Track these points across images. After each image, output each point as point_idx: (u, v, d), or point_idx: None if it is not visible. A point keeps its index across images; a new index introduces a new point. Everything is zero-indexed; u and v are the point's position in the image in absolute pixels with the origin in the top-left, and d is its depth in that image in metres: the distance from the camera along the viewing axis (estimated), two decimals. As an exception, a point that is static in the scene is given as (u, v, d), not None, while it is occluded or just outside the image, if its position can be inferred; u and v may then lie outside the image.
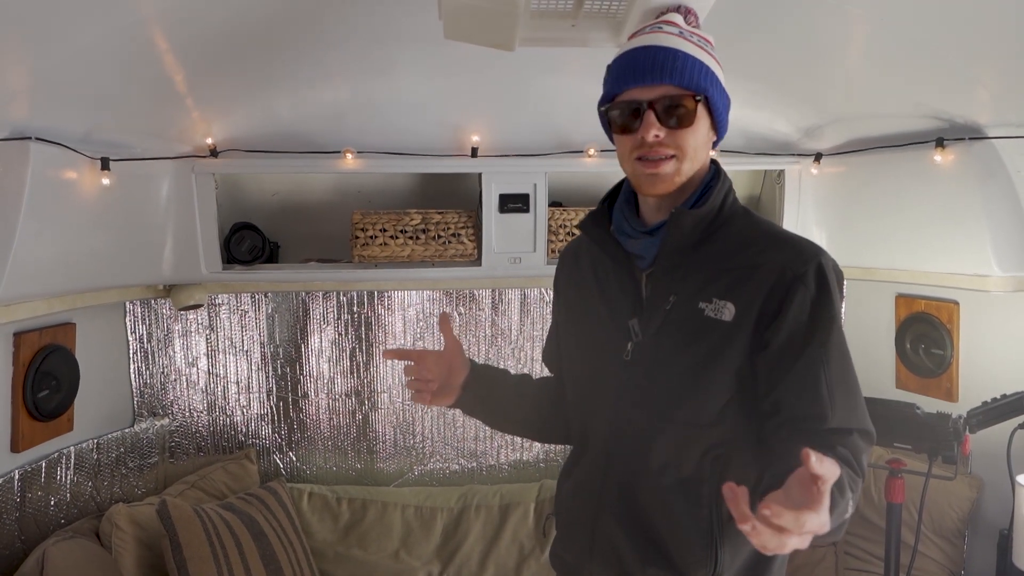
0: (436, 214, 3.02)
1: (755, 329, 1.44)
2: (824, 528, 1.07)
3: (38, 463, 2.47)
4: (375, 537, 3.19)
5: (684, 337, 1.48)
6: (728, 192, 1.55)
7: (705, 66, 1.48)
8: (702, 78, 1.46)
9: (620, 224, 1.59)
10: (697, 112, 1.46)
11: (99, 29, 1.86)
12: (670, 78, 1.44)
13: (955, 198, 2.58)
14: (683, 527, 1.48)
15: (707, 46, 1.52)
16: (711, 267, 1.49)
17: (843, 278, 1.52)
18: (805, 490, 1.07)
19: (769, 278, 1.43)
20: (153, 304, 3.15)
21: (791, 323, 1.41)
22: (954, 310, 2.86)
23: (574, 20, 1.91)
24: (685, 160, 1.47)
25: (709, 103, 1.48)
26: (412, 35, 2.27)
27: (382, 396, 3.40)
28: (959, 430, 2.38)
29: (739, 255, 1.48)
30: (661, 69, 1.45)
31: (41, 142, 2.11)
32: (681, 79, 1.45)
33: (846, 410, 1.41)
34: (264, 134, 2.82)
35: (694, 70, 1.46)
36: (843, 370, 1.43)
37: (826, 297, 1.42)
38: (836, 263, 1.49)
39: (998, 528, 2.68)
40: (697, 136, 1.48)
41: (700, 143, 1.49)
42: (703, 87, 1.46)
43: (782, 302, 1.42)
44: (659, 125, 1.44)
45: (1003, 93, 2.28)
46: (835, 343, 1.43)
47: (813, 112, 2.90)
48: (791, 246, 1.48)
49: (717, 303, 1.46)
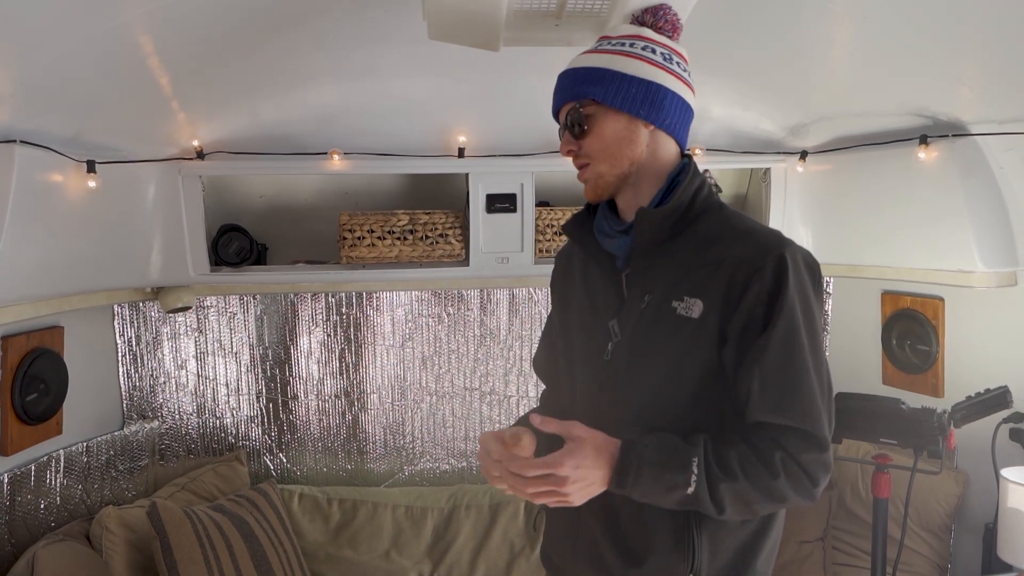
0: (424, 215, 3.03)
1: (720, 324, 1.45)
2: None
3: (27, 466, 2.47)
4: (366, 537, 3.20)
5: (657, 336, 1.50)
6: (700, 187, 1.55)
7: (593, 69, 1.54)
8: (585, 84, 1.54)
9: (600, 224, 1.61)
10: (591, 117, 1.53)
11: (84, 32, 1.86)
12: (563, 96, 1.58)
13: (939, 195, 2.59)
14: (661, 526, 1.49)
15: (627, 43, 1.56)
16: (683, 265, 1.50)
17: (818, 270, 1.50)
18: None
19: (730, 272, 1.44)
20: (141, 307, 3.15)
21: (745, 316, 1.43)
22: (939, 306, 2.88)
23: (558, 20, 1.92)
24: (599, 163, 1.55)
25: (599, 102, 1.53)
26: (397, 36, 2.27)
27: (372, 397, 3.40)
28: (944, 425, 2.40)
29: (708, 251, 1.49)
30: (561, 90, 1.59)
31: (26, 145, 2.11)
32: (568, 94, 1.57)
33: (781, 405, 1.40)
34: (251, 136, 2.81)
35: (577, 80, 1.55)
36: (788, 364, 1.41)
37: (782, 289, 1.41)
38: (808, 255, 1.48)
39: (983, 522, 2.70)
40: (601, 139, 1.54)
41: (608, 143, 1.54)
42: (583, 92, 1.54)
43: (740, 296, 1.43)
44: (568, 138, 1.57)
45: (986, 90, 2.30)
46: (782, 338, 1.41)
47: (798, 111, 2.92)
48: (754, 239, 1.48)
49: (688, 301, 1.47)
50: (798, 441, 1.40)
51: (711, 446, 1.41)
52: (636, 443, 1.42)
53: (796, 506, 1.46)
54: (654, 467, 1.39)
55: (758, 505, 1.41)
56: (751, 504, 1.41)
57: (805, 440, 1.40)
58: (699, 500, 1.38)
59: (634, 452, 1.40)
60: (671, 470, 1.38)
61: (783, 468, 1.38)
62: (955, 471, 2.81)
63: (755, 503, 1.40)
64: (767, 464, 1.38)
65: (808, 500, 1.43)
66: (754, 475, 1.37)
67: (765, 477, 1.38)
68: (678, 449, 1.40)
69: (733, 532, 1.51)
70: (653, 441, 1.41)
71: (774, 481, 1.38)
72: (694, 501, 1.39)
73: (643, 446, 1.41)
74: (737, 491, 1.38)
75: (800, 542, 3.05)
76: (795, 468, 1.39)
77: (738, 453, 1.40)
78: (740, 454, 1.39)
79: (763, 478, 1.38)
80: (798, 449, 1.39)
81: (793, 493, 1.40)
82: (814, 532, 3.06)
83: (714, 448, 1.40)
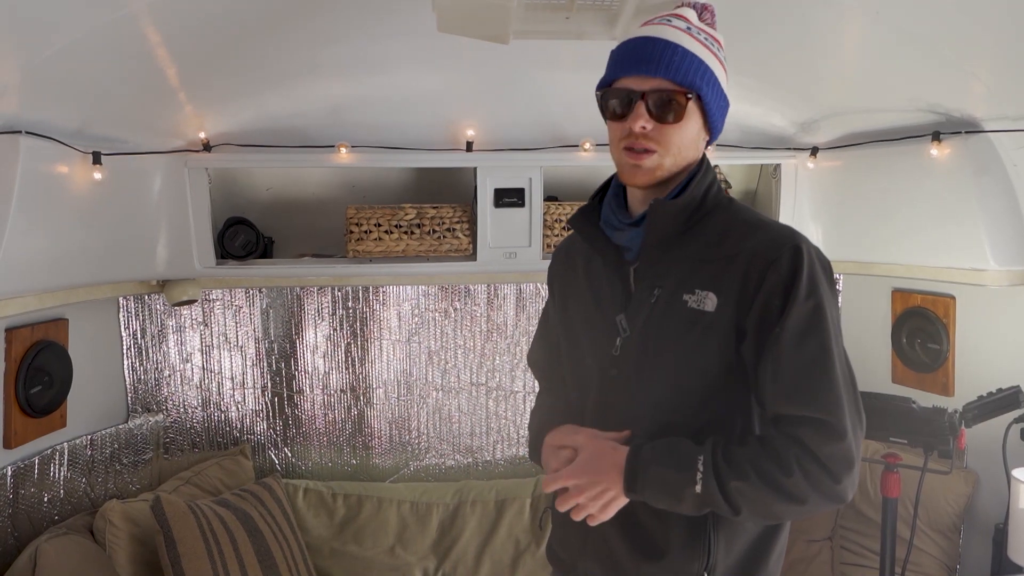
0: (431, 209, 3.01)
1: (736, 318, 1.44)
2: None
3: (31, 459, 2.46)
4: (371, 533, 3.19)
5: (669, 330, 1.48)
6: (711, 183, 1.54)
7: (704, 64, 1.46)
8: (697, 76, 1.45)
9: (608, 216, 1.59)
10: (687, 109, 1.46)
11: (91, 22, 1.85)
12: (665, 72, 1.44)
13: (951, 192, 2.57)
14: (675, 521, 1.47)
15: (714, 45, 1.51)
16: (694, 259, 1.49)
17: (829, 267, 1.48)
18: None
19: (746, 265, 1.43)
20: (147, 299, 3.14)
21: (761, 308, 1.41)
22: (950, 304, 2.85)
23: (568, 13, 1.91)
24: (668, 156, 1.48)
25: (702, 102, 1.48)
26: (406, 29, 2.26)
27: (377, 392, 3.39)
28: (955, 424, 2.38)
29: (720, 245, 1.48)
30: (658, 62, 1.44)
31: (31, 136, 2.09)
32: (676, 74, 1.44)
33: (797, 393, 1.38)
34: (258, 128, 2.80)
35: (691, 67, 1.45)
36: (804, 351, 1.39)
37: (798, 280, 1.40)
38: (819, 251, 1.47)
39: (994, 522, 2.68)
40: (684, 133, 1.47)
41: (687, 141, 1.49)
42: (697, 85, 1.45)
43: (757, 288, 1.42)
44: (647, 117, 1.45)
45: (999, 87, 2.27)
46: (796, 324, 1.39)
47: (809, 106, 2.90)
48: (767, 232, 1.47)
49: (700, 294, 1.46)
50: (816, 433, 1.36)
51: (721, 446, 1.39)
52: (642, 446, 1.42)
53: (823, 510, 1.41)
54: (659, 467, 1.39)
55: (776, 506, 1.37)
56: (769, 505, 1.37)
57: (823, 431, 1.36)
58: (712, 501, 1.36)
59: (639, 455, 1.41)
60: (676, 469, 1.37)
61: (798, 465, 1.34)
62: (965, 471, 2.79)
63: (772, 504, 1.37)
64: (780, 461, 1.35)
65: (833, 501, 1.37)
66: (765, 473, 1.35)
67: (777, 475, 1.34)
68: (683, 450, 1.40)
69: (747, 530, 1.50)
70: (660, 444, 1.42)
71: (787, 479, 1.34)
72: (708, 502, 1.37)
73: (648, 449, 1.41)
74: (749, 490, 1.35)
75: (808, 541, 3.03)
76: (812, 465, 1.34)
77: (749, 451, 1.38)
78: (751, 452, 1.38)
79: (775, 476, 1.34)
80: (817, 442, 1.35)
81: (813, 491, 1.35)
82: (822, 531, 3.05)
83: (724, 448, 1.39)
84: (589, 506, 1.43)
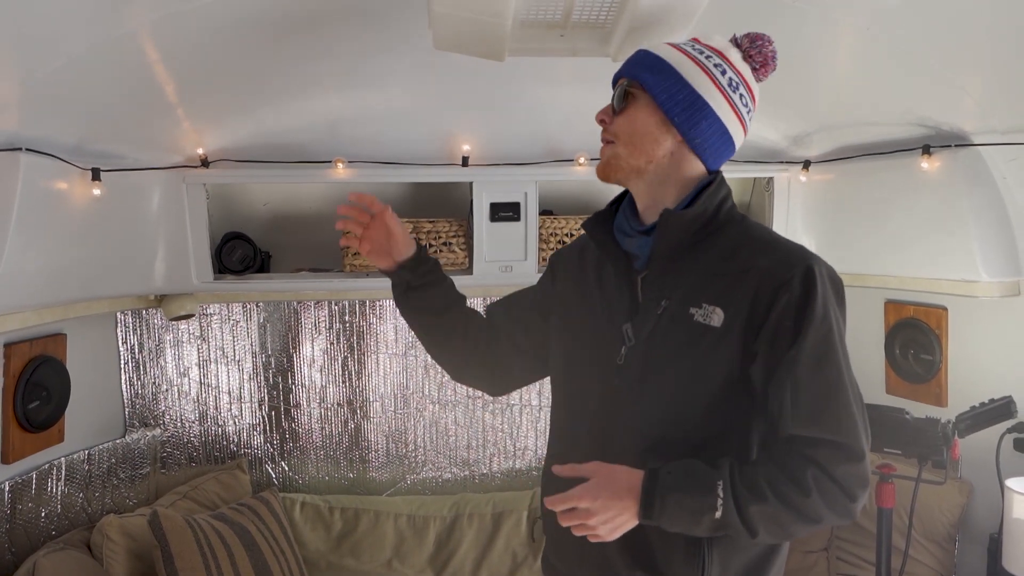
0: (427, 223, 3.03)
1: (744, 335, 1.44)
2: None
3: (28, 474, 2.47)
4: (368, 546, 3.19)
5: (674, 342, 1.49)
6: (725, 199, 1.55)
7: (658, 59, 1.52)
8: (643, 68, 1.52)
9: (620, 223, 1.61)
10: (634, 98, 1.52)
11: (90, 39, 1.87)
12: (624, 71, 1.57)
13: (942, 205, 2.59)
14: (671, 534, 1.45)
15: (711, 58, 1.53)
16: (703, 272, 1.50)
17: (841, 286, 1.50)
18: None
19: (756, 283, 1.44)
20: (144, 314, 3.14)
21: (773, 329, 1.42)
22: (943, 315, 2.87)
23: (563, 30, 1.93)
24: (620, 145, 1.54)
25: (650, 91, 1.51)
26: (402, 45, 2.27)
27: (374, 405, 3.40)
28: (948, 435, 2.39)
29: (730, 260, 1.49)
30: (625, 64, 1.58)
31: (31, 153, 2.10)
32: (628, 70, 1.56)
33: (815, 417, 1.39)
34: (255, 144, 2.81)
35: (641, 62, 1.54)
36: (821, 375, 1.40)
37: (811, 302, 1.41)
38: (832, 270, 1.48)
39: (988, 532, 2.69)
40: (631, 124, 1.53)
41: (635, 131, 1.52)
42: (637, 74, 1.52)
43: (768, 308, 1.42)
44: (608, 109, 1.57)
45: (988, 101, 2.30)
46: (813, 348, 1.40)
47: (801, 120, 2.92)
48: (779, 251, 1.49)
49: (707, 308, 1.46)
50: (832, 454, 1.37)
51: (737, 468, 1.38)
52: (659, 471, 1.39)
53: (834, 525, 1.42)
54: (678, 493, 1.36)
55: (793, 527, 1.38)
56: (785, 526, 1.37)
57: (839, 452, 1.37)
58: (730, 524, 1.35)
59: (657, 480, 1.38)
60: (695, 495, 1.35)
61: (815, 485, 1.35)
62: (959, 481, 2.80)
63: (789, 524, 1.37)
64: (797, 482, 1.35)
65: (845, 518, 1.39)
66: (784, 494, 1.34)
67: (796, 496, 1.34)
68: (702, 473, 1.38)
69: (746, 547, 1.49)
70: (676, 468, 1.39)
71: (806, 499, 1.34)
72: (725, 526, 1.36)
73: (665, 473, 1.38)
74: (768, 512, 1.35)
75: (805, 552, 3.04)
76: (829, 484, 1.35)
77: (766, 473, 1.37)
78: (768, 474, 1.37)
79: (794, 497, 1.34)
80: (832, 463, 1.36)
81: (828, 511, 1.36)
82: (818, 542, 3.05)
83: (740, 470, 1.38)
84: (599, 528, 1.38)
